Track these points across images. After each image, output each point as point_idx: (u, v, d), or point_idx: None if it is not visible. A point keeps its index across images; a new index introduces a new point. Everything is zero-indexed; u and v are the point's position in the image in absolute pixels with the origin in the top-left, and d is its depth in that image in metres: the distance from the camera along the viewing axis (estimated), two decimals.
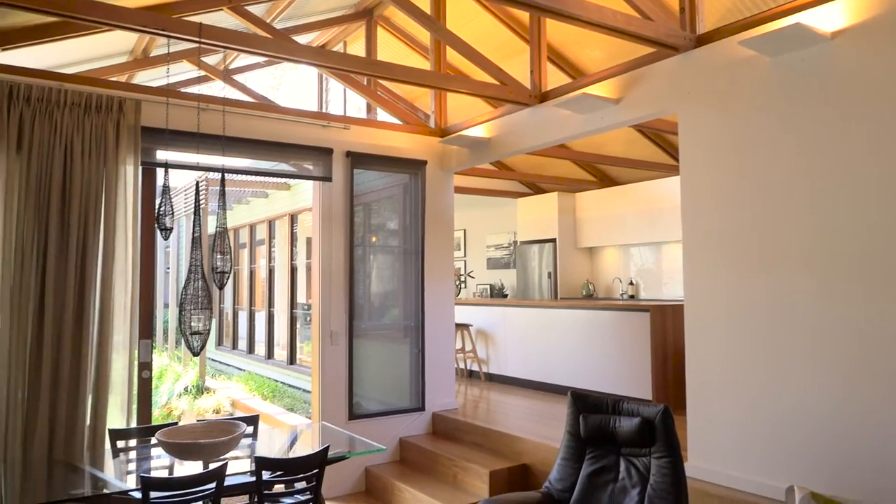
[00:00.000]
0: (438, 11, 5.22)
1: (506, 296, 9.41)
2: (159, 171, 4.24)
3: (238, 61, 6.34)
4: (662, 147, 6.92)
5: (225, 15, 4.53)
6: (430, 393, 5.32)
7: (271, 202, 10.98)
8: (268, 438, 3.85)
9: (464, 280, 10.08)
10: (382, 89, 6.70)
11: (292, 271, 10.06)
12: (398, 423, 5.16)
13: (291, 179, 9.56)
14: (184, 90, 4.92)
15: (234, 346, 12.57)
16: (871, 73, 2.88)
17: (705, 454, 3.45)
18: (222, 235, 3.25)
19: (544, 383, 6.48)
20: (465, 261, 10.36)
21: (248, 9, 4.44)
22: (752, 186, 3.29)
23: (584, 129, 4.28)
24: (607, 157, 6.92)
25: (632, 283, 8.06)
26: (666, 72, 3.76)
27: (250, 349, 11.62)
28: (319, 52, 4.01)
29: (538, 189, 9.04)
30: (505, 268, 9.68)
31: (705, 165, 3.52)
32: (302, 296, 9.96)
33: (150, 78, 6.12)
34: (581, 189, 8.54)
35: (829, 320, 2.99)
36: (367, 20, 6.14)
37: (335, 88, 7.52)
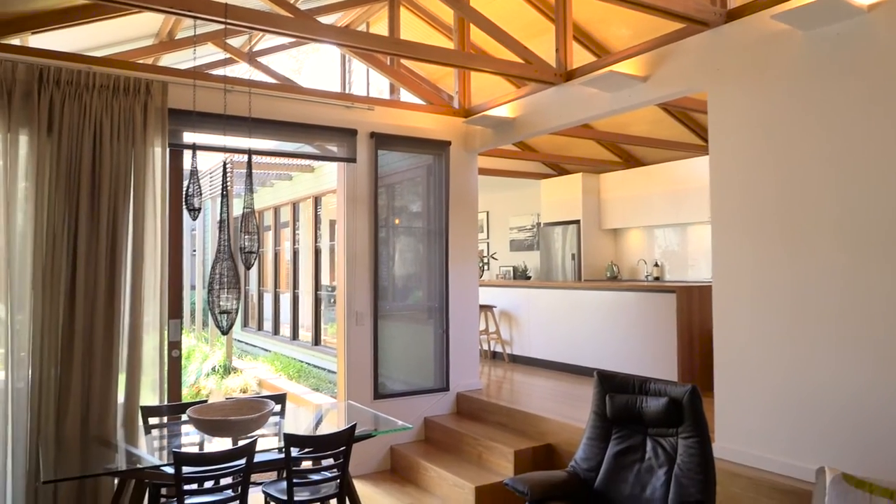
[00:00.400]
0: None
1: (529, 278, 9.39)
2: (186, 153, 4.29)
3: (262, 43, 6.35)
4: (689, 126, 6.81)
5: None
6: (455, 373, 5.34)
7: (295, 184, 11.03)
8: (294, 417, 3.91)
9: (487, 262, 10.07)
10: (405, 70, 6.66)
11: (316, 253, 10.13)
12: (423, 403, 5.20)
13: (315, 161, 9.59)
14: (209, 73, 4.94)
15: (260, 328, 12.74)
16: None
17: (733, 435, 3.43)
18: (249, 216, 3.28)
19: (568, 365, 6.48)
20: (488, 243, 10.34)
21: None
22: (783, 165, 3.23)
23: (610, 108, 4.22)
24: (632, 137, 6.83)
25: (657, 265, 7.98)
26: (695, 48, 3.69)
27: (276, 330, 11.76)
28: (343, 31, 3.99)
29: (562, 170, 8.97)
30: (528, 250, 9.65)
31: (735, 143, 3.46)
32: (326, 278, 10.04)
33: (174, 61, 6.16)
34: (605, 170, 8.46)
35: (857, 300, 2.93)
36: (390, 0, 6.10)
37: (358, 71, 7.50)
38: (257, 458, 2.94)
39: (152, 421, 3.66)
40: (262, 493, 3.30)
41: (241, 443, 2.97)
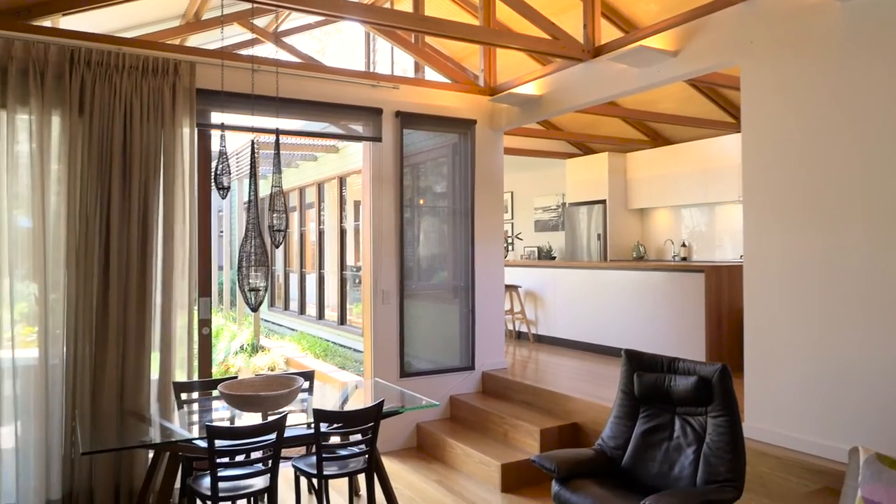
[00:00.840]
0: None
1: (553, 258, 9.34)
2: (213, 134, 4.32)
3: (287, 23, 6.34)
4: (719, 103, 6.68)
5: None
6: (480, 352, 5.36)
7: (320, 165, 11.06)
8: (321, 394, 3.96)
9: (511, 242, 10.04)
10: (430, 49, 6.62)
11: (342, 234, 10.18)
12: (448, 382, 5.23)
13: (340, 141, 9.60)
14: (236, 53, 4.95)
15: (286, 308, 12.87)
16: None
17: (763, 414, 3.40)
18: (277, 195, 3.30)
19: (594, 345, 6.46)
20: (513, 223, 10.30)
21: None
22: (817, 141, 3.15)
23: (639, 84, 4.16)
24: (660, 115, 6.72)
25: (684, 246, 7.89)
26: (728, 21, 3.60)
27: (301, 310, 11.88)
28: (369, 8, 3.97)
29: (588, 150, 8.87)
30: (553, 230, 9.60)
31: (768, 119, 3.38)
32: (351, 258, 10.09)
33: (200, 42, 6.19)
34: (632, 149, 8.35)
35: (887, 279, 2.87)
36: None
37: (381, 50, 7.47)
38: (287, 433, 2.99)
39: (184, 396, 3.74)
40: (293, 467, 3.36)
41: (271, 418, 3.02)
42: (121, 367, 3.79)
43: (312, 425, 3.07)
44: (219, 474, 2.80)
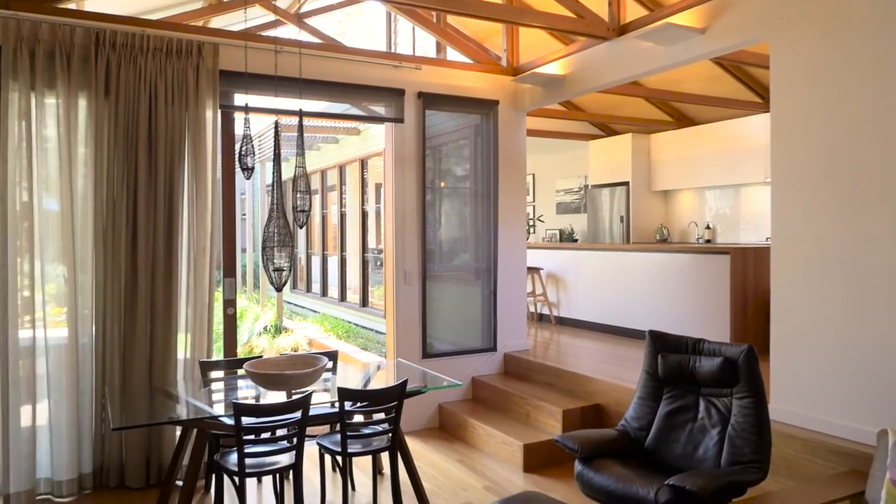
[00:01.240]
0: None
1: (575, 240, 9.29)
2: (237, 116, 4.34)
3: (309, 3, 6.32)
4: (745, 83, 6.55)
5: None
6: (502, 334, 5.36)
7: (342, 147, 11.08)
8: (344, 374, 3.99)
9: (533, 224, 9.99)
10: (452, 29, 6.57)
11: (363, 216, 10.21)
12: (470, 363, 5.24)
13: (361, 124, 9.60)
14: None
15: (309, 290, 12.98)
16: None
17: (788, 396, 3.36)
18: (301, 176, 3.31)
19: (616, 327, 6.43)
20: (534, 205, 10.25)
21: None
22: (850, 120, 3.08)
23: (665, 63, 4.09)
24: (685, 95, 6.61)
25: (708, 228, 7.79)
26: None
27: (323, 292, 11.97)
28: None
29: (611, 131, 8.77)
30: (575, 212, 9.53)
31: (798, 97, 3.31)
32: (372, 241, 10.13)
33: (222, 24, 6.19)
34: (656, 130, 8.23)
35: None
36: None
37: (403, 31, 7.42)
38: (312, 411, 3.03)
39: (210, 375, 3.80)
40: (317, 444, 3.40)
41: (296, 396, 3.05)
42: (149, 345, 3.86)
43: (337, 404, 3.10)
44: (245, 451, 2.85)
